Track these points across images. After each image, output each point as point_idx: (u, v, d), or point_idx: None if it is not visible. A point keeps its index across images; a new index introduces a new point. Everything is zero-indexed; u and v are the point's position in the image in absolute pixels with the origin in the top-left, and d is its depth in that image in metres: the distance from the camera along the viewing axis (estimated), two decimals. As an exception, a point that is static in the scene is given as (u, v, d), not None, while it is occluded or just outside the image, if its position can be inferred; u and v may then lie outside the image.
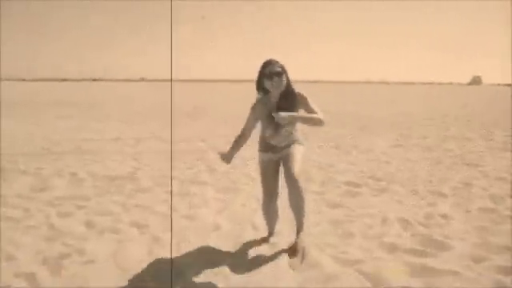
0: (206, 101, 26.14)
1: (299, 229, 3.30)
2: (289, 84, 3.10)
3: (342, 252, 3.25)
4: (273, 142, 3.21)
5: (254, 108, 3.18)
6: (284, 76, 3.04)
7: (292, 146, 3.22)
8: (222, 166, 6.19)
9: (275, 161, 3.26)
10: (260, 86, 3.10)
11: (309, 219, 3.88)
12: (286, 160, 3.14)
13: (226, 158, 3.34)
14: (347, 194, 4.86)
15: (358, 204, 4.46)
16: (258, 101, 3.17)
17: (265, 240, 3.52)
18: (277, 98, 3.11)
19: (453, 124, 12.40)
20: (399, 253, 3.24)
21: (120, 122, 12.50)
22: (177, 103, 22.54)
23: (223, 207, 4.38)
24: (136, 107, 19.54)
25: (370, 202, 4.55)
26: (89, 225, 3.83)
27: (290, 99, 3.10)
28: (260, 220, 3.82)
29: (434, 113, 16.82)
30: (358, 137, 9.63)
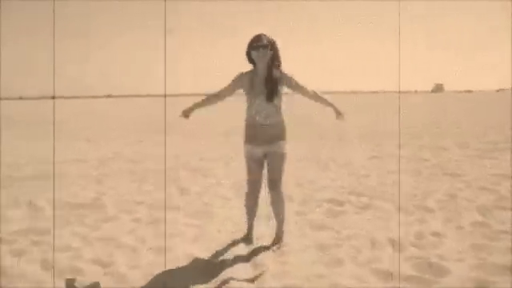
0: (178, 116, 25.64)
1: (278, 238, 3.59)
2: (276, 59, 3.33)
3: (334, 284, 2.91)
4: (258, 117, 3.34)
5: (240, 76, 3.42)
6: (268, 49, 3.26)
7: (276, 143, 3.39)
8: (195, 186, 5.79)
9: (260, 157, 3.43)
10: (249, 57, 3.33)
11: (293, 244, 3.57)
12: (271, 163, 3.41)
13: (186, 111, 3.58)
14: (330, 213, 4.55)
15: (342, 224, 4.15)
16: (247, 72, 3.41)
17: (245, 238, 3.68)
18: (264, 71, 3.31)
19: (423, 132, 12.40)
20: (395, 281, 2.94)
21: (84, 142, 11.88)
22: (146, 118, 21.93)
23: (197, 235, 3.98)
24: (101, 125, 18.82)
25: (354, 221, 4.26)
26: (45, 265, 3.35)
27: (275, 74, 3.31)
28: (240, 248, 3.48)
29: (403, 121, 16.91)
30: (335, 148, 9.41)
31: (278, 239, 3.61)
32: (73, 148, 10.42)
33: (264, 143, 3.39)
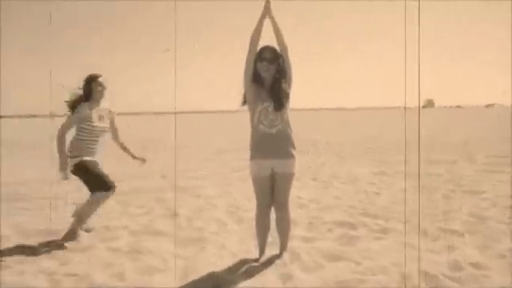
0: (165, 133, 24.89)
1: (283, 248, 3.45)
2: (282, 72, 3.17)
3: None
4: (262, 126, 3.15)
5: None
6: (275, 63, 3.13)
7: (285, 159, 3.19)
8: (185, 209, 5.11)
9: (268, 175, 3.22)
10: (255, 68, 3.16)
11: (309, 281, 2.91)
12: (279, 184, 3.25)
13: None
14: (343, 238, 3.90)
15: (361, 253, 3.50)
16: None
17: (256, 260, 3.36)
18: (269, 82, 3.17)
19: (427, 147, 11.85)
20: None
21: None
22: (133, 135, 21.21)
23: (187, 268, 3.30)
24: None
25: (374, 248, 3.61)
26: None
27: (283, 87, 3.16)
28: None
29: (402, 136, 16.39)
30: (336, 165, 8.79)
31: (281, 254, 3.45)
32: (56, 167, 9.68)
33: (271, 156, 3.18)
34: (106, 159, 4.49)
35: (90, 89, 4.10)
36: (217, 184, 6.83)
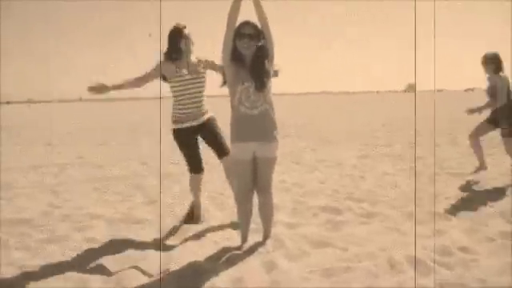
0: (151, 117, 24.46)
1: (266, 236, 3.31)
2: (264, 50, 2.96)
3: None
4: (243, 108, 2.95)
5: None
6: (256, 39, 2.93)
7: (267, 142, 3.03)
8: (166, 197, 4.93)
9: (249, 159, 3.06)
10: (234, 46, 2.95)
11: (294, 270, 2.78)
12: (261, 168, 3.10)
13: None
14: (329, 224, 3.78)
15: (347, 238, 3.39)
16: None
17: (238, 248, 3.20)
18: (250, 61, 2.96)
19: (408, 130, 11.85)
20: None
21: (45, 146, 10.78)
22: (117, 120, 20.80)
23: (167, 258, 3.14)
24: (67, 128, 17.53)
25: (360, 233, 3.50)
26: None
27: (266, 66, 2.97)
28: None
29: (385, 120, 16.40)
30: (320, 149, 8.68)
31: (264, 241, 3.30)
32: (31, 153, 9.37)
33: (253, 138, 3.01)
34: (89, 148, 4.24)
35: (176, 43, 3.61)
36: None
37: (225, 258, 3.07)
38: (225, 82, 3.11)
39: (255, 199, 3.28)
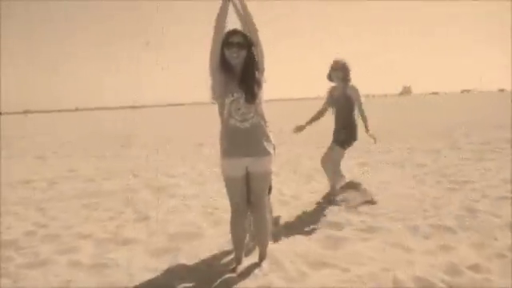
0: (145, 127, 24.21)
1: (262, 257, 3.12)
2: (253, 58, 2.76)
3: None
4: (233, 121, 2.75)
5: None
6: (244, 47, 2.73)
7: (261, 156, 2.82)
8: (159, 212, 4.72)
9: (242, 175, 2.86)
10: (222, 56, 2.75)
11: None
12: (254, 183, 2.90)
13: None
14: (328, 240, 3.58)
15: (348, 257, 3.18)
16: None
17: (233, 270, 3.00)
18: (239, 70, 2.77)
19: (406, 134, 11.67)
20: None
21: (36, 159, 10.54)
22: (110, 131, 20.54)
23: (156, 282, 2.93)
24: (62, 139, 17.27)
25: (362, 251, 3.29)
26: None
27: (256, 75, 2.78)
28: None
29: (380, 123, 16.23)
30: (316, 157, 8.45)
31: (260, 262, 3.13)
32: (21, 166, 9.12)
33: (245, 154, 2.81)
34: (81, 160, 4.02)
35: None
36: (193, 182, 6.44)
37: (219, 282, 2.87)
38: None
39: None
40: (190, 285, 2.87)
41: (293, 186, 5.81)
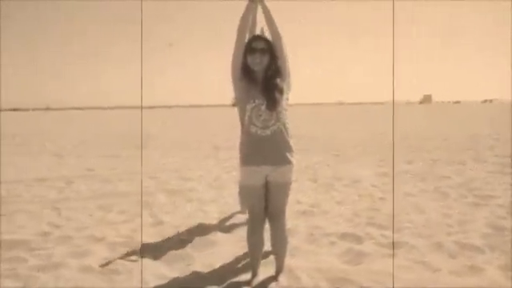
0: (161, 128, 24.32)
1: (279, 270, 3.00)
2: (275, 63, 2.68)
3: None
4: (254, 128, 2.66)
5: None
6: (267, 53, 2.66)
7: (282, 164, 2.72)
8: (174, 215, 4.63)
9: (261, 184, 2.76)
10: (244, 62, 2.68)
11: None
12: (274, 193, 2.80)
13: None
14: (348, 255, 3.43)
15: (370, 275, 3.03)
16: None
17: (248, 283, 2.90)
18: (261, 77, 2.70)
19: (429, 144, 11.40)
20: None
21: (53, 157, 10.60)
22: (126, 131, 20.66)
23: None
24: (77, 137, 17.41)
25: (385, 269, 3.13)
26: None
27: (277, 82, 2.70)
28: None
29: (402, 132, 15.95)
30: (335, 165, 8.31)
31: (277, 276, 3.00)
32: (38, 164, 9.18)
33: (265, 162, 2.71)
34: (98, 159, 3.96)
35: None
36: (210, 186, 6.35)
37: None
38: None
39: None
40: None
41: (311, 194, 5.66)
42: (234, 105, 2.81)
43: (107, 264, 3.32)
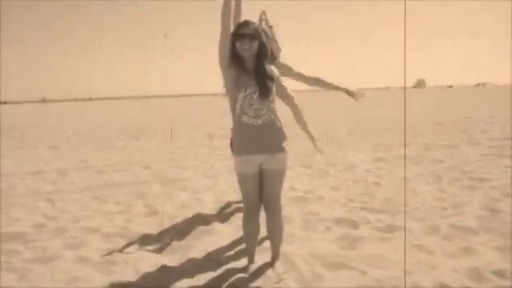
0: (160, 117, 24.19)
1: (275, 257, 3.00)
2: (264, 49, 2.64)
3: None
4: (246, 118, 2.63)
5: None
6: (256, 39, 2.59)
7: (275, 153, 2.71)
8: (169, 206, 4.63)
9: (256, 172, 2.74)
10: (232, 49, 2.62)
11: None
12: (269, 180, 2.79)
13: None
14: (344, 240, 3.45)
15: (366, 259, 3.05)
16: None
17: (245, 270, 2.92)
18: (252, 64, 2.64)
19: (422, 128, 11.42)
20: None
21: (48, 148, 10.54)
22: (121, 121, 20.55)
23: (165, 280, 2.83)
24: (73, 129, 17.28)
25: (381, 253, 3.15)
26: None
27: (267, 68, 2.68)
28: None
29: (397, 117, 15.97)
30: (329, 151, 8.30)
31: (273, 262, 2.99)
32: (33, 157, 9.11)
33: (258, 151, 2.68)
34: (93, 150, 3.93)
35: None
36: (204, 175, 6.34)
37: (230, 282, 2.76)
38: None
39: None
40: (200, 284, 2.76)
41: (308, 181, 5.66)
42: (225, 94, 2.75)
43: (107, 255, 3.31)
